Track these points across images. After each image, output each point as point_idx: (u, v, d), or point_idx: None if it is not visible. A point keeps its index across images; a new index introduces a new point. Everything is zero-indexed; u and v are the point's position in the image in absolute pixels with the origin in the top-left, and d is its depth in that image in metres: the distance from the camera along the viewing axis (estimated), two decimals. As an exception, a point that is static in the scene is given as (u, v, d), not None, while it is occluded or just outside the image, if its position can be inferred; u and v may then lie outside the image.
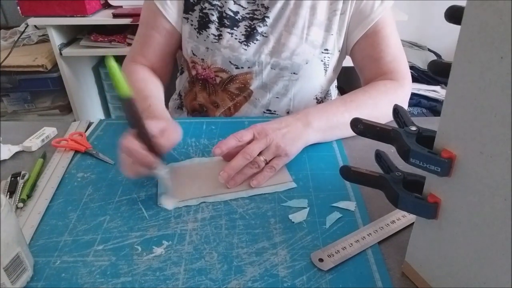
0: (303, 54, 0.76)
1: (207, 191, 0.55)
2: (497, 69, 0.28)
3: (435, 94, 1.63)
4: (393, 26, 0.77)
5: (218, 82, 0.80)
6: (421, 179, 0.39)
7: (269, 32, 0.77)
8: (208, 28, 0.77)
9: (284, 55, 0.76)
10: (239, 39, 0.76)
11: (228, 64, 0.78)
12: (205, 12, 0.76)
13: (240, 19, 0.77)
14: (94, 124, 0.74)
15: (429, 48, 1.84)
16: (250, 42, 0.76)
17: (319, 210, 0.52)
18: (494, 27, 0.27)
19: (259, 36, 0.77)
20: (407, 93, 0.75)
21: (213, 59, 0.78)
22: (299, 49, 0.76)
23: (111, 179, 0.58)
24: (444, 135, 0.34)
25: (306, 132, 0.62)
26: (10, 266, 0.39)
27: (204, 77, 0.81)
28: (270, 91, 0.80)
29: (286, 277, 0.42)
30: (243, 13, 0.77)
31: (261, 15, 0.76)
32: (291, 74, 0.78)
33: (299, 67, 0.77)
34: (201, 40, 0.78)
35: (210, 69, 0.79)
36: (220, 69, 0.79)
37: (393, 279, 0.42)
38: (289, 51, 0.76)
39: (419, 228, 0.40)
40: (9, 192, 0.54)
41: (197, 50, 0.79)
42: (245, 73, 0.79)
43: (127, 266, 0.44)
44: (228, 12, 0.76)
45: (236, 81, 0.79)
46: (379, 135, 0.40)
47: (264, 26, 0.76)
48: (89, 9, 1.46)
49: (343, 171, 0.44)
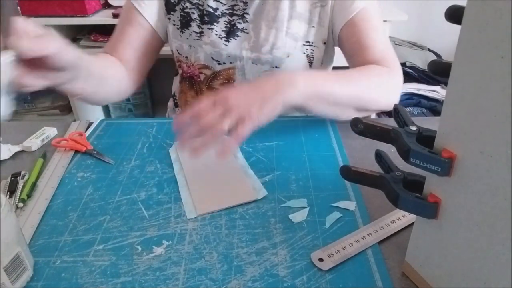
0: (284, 47, 0.76)
1: (227, 202, 0.53)
2: (497, 69, 0.28)
3: (435, 94, 1.63)
4: (379, 21, 0.76)
5: (203, 80, 0.81)
6: (421, 179, 0.39)
7: (250, 28, 0.77)
8: (190, 26, 0.78)
9: (264, 50, 0.76)
10: (219, 35, 0.77)
11: (210, 60, 0.78)
12: (186, 11, 0.78)
13: (219, 15, 0.77)
14: (94, 124, 0.74)
15: (429, 48, 1.84)
16: (231, 38, 0.77)
17: (319, 210, 0.52)
18: (494, 27, 0.27)
19: (240, 32, 0.77)
20: (400, 83, 0.72)
21: (196, 56, 0.79)
22: (279, 43, 0.76)
23: (111, 179, 0.59)
24: (444, 135, 0.34)
25: (283, 90, 0.55)
26: (10, 266, 0.39)
27: (189, 75, 0.82)
28: None
29: (286, 277, 0.42)
30: (223, 9, 0.77)
31: (241, 11, 0.77)
32: (273, 68, 0.78)
33: (280, 61, 0.77)
34: (184, 39, 0.79)
35: (194, 66, 0.80)
36: (203, 66, 0.80)
37: (393, 279, 0.42)
38: (269, 45, 0.76)
39: (419, 228, 0.40)
40: (9, 192, 0.54)
41: (181, 49, 0.80)
42: (227, 69, 0.79)
43: (127, 266, 0.44)
44: (208, 9, 0.77)
45: (219, 77, 0.80)
46: (379, 135, 0.40)
47: (244, 22, 0.77)
48: (89, 9, 1.47)
49: (343, 171, 0.44)
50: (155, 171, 0.60)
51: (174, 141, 0.67)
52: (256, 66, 0.78)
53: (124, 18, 0.80)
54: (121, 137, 0.70)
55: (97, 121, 0.75)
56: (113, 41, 0.80)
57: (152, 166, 0.61)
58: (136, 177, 0.59)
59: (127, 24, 0.78)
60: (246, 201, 0.53)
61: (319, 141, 0.67)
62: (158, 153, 0.65)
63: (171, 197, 0.55)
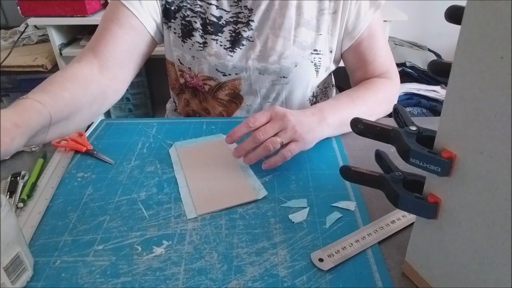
0: (292, 56, 0.74)
1: (226, 202, 0.53)
2: (497, 69, 0.28)
3: (435, 94, 1.63)
4: (382, 25, 0.78)
5: (207, 90, 0.79)
6: (421, 179, 0.39)
7: (255, 36, 0.74)
8: (193, 36, 0.74)
9: (272, 59, 0.74)
10: (224, 45, 0.74)
11: (215, 72, 0.76)
12: (187, 20, 0.74)
13: (224, 24, 0.74)
14: (94, 124, 0.74)
15: (429, 48, 1.84)
16: (236, 48, 0.74)
17: (319, 210, 0.52)
18: (494, 27, 0.27)
19: (245, 41, 0.74)
20: (398, 90, 0.80)
21: (200, 67, 0.76)
22: (287, 52, 0.74)
23: (111, 179, 0.59)
24: (444, 135, 0.34)
25: (321, 126, 0.62)
26: (10, 266, 0.39)
27: (193, 85, 0.80)
28: (260, 96, 0.79)
29: (286, 277, 0.42)
30: (227, 17, 0.74)
31: (246, 19, 0.74)
32: (281, 78, 0.76)
33: (288, 71, 0.75)
34: (186, 49, 0.76)
35: (198, 77, 0.78)
36: (207, 77, 0.77)
37: (393, 279, 0.42)
38: (277, 55, 0.74)
39: (419, 228, 0.40)
40: (9, 192, 0.54)
41: (183, 59, 0.77)
42: (233, 80, 0.77)
43: (127, 266, 0.44)
44: (211, 18, 0.73)
45: (225, 88, 0.78)
46: (379, 135, 0.40)
47: (250, 30, 0.74)
48: (89, 9, 1.46)
49: (343, 171, 0.44)
50: (155, 171, 0.60)
51: (174, 141, 0.67)
52: (263, 76, 0.76)
53: (111, 19, 0.70)
54: (121, 137, 0.69)
55: (97, 121, 0.75)
56: (91, 42, 0.71)
57: (152, 166, 0.61)
58: (136, 177, 0.59)
59: (113, 22, 0.70)
60: (246, 201, 0.53)
61: (319, 141, 0.66)
62: (158, 153, 0.65)
63: (171, 197, 0.55)
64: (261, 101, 0.80)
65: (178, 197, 0.54)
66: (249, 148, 0.56)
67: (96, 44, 0.70)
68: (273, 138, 0.56)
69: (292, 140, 0.57)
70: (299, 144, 0.57)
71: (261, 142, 0.56)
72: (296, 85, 0.78)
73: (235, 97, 0.80)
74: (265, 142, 0.56)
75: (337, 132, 0.67)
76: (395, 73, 0.78)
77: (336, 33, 0.76)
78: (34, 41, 1.67)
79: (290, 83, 0.77)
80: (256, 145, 0.56)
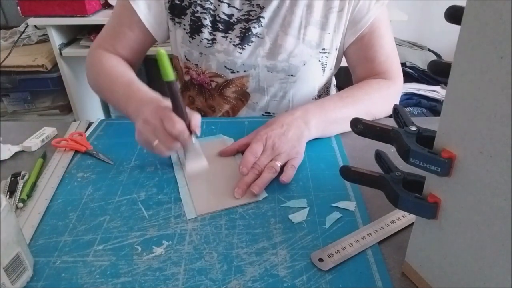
0: (301, 55, 0.75)
1: (227, 203, 0.53)
2: (497, 69, 0.28)
3: (435, 94, 1.63)
4: (387, 24, 0.77)
5: (214, 87, 0.79)
6: (421, 179, 0.39)
7: (265, 33, 0.75)
8: (201, 32, 0.74)
9: (281, 57, 0.75)
10: (234, 42, 0.75)
11: (223, 69, 0.76)
12: (197, 16, 0.74)
13: (235, 22, 0.75)
14: (94, 124, 0.74)
15: (429, 48, 1.84)
16: (245, 45, 0.75)
17: (319, 210, 0.52)
18: (494, 27, 0.27)
19: (254, 37, 0.75)
20: (400, 90, 0.77)
21: (207, 64, 0.76)
22: (296, 51, 0.74)
23: (111, 179, 0.58)
24: (444, 135, 0.34)
25: (307, 129, 0.63)
26: (10, 266, 0.39)
27: (199, 82, 0.80)
28: (268, 94, 0.79)
29: (286, 277, 0.42)
30: (238, 15, 0.74)
31: (256, 15, 0.74)
32: (289, 77, 0.77)
33: (296, 69, 0.76)
34: (194, 45, 0.76)
35: (205, 74, 0.78)
36: (215, 74, 0.77)
37: (393, 279, 0.42)
38: (286, 53, 0.74)
39: (419, 228, 0.40)
40: (9, 192, 0.54)
41: (190, 56, 0.77)
42: (241, 77, 0.77)
43: (127, 266, 0.44)
44: (222, 16, 0.74)
45: (232, 85, 0.78)
46: (379, 135, 0.40)
47: (259, 26, 0.74)
48: (89, 9, 1.46)
49: (343, 171, 0.44)
50: (155, 171, 0.60)
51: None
52: (271, 74, 0.76)
53: (120, 16, 0.77)
54: (121, 137, 0.69)
55: (97, 121, 0.75)
56: (109, 37, 0.78)
57: (152, 166, 0.61)
58: (136, 177, 0.59)
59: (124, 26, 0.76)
60: (246, 202, 0.53)
61: (319, 141, 0.66)
62: (158, 153, 0.65)
63: (171, 197, 0.55)
64: (267, 99, 0.80)
65: (178, 197, 0.54)
66: (252, 181, 0.55)
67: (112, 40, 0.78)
68: (273, 162, 0.57)
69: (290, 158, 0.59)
70: (297, 159, 0.59)
71: (259, 171, 0.56)
72: (303, 84, 0.79)
73: (242, 94, 0.80)
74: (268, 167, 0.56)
75: (327, 132, 0.67)
76: (397, 73, 0.76)
77: (340, 30, 0.76)
78: (34, 41, 1.67)
79: (297, 82, 0.78)
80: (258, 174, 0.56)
